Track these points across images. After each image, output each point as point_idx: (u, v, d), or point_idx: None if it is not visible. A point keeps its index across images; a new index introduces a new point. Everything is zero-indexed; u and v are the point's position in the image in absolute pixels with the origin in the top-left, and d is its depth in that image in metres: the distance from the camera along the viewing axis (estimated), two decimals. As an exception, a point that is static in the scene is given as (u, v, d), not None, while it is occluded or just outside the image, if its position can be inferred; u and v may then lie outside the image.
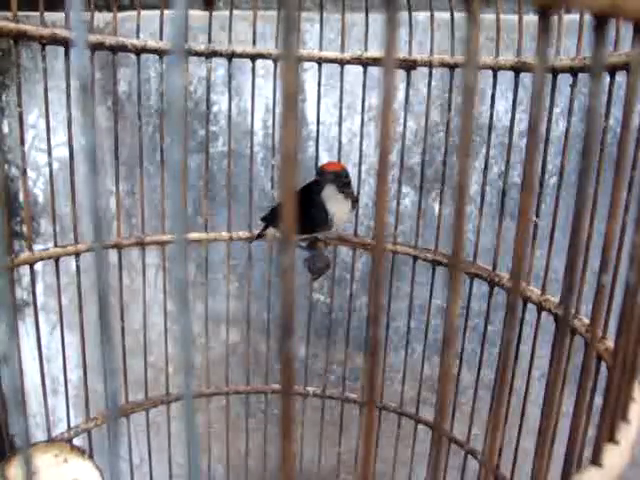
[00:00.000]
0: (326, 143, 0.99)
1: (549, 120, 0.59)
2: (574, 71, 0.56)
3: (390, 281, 0.82)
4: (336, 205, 0.72)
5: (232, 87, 0.77)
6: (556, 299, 0.62)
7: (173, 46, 0.16)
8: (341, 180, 0.71)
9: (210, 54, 0.73)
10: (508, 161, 0.66)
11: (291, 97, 0.16)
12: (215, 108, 0.98)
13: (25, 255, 0.65)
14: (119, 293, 0.77)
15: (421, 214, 0.77)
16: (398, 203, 0.79)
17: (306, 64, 0.91)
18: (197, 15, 0.92)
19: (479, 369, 0.74)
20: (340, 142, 0.79)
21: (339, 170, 0.72)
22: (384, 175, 0.18)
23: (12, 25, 0.57)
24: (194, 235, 0.79)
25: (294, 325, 0.19)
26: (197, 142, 1.00)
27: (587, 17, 0.59)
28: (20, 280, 1.10)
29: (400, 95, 0.94)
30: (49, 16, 0.68)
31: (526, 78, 0.70)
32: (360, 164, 0.80)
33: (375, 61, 0.70)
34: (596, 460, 0.30)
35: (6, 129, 1.05)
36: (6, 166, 1.05)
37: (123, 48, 0.67)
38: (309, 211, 0.71)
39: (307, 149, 0.99)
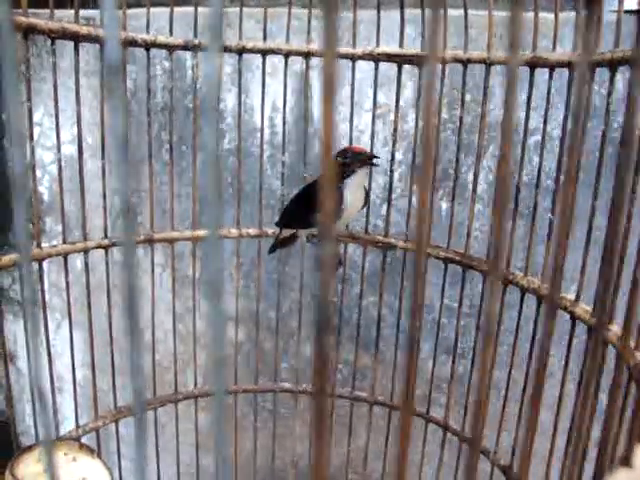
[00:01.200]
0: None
1: (565, 117, 0.58)
2: (593, 67, 0.55)
3: (402, 280, 0.81)
4: (354, 195, 0.67)
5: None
6: (569, 296, 0.62)
7: (210, 35, 0.16)
8: (371, 162, 0.65)
9: (220, 50, 0.72)
10: (522, 158, 0.65)
11: (331, 85, 0.15)
12: (221, 106, 0.98)
13: (34, 251, 0.64)
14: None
15: (431, 212, 0.76)
16: (410, 201, 0.78)
17: (312, 62, 0.90)
18: (206, 13, 0.91)
19: (490, 369, 0.73)
20: (351, 139, 0.78)
21: (367, 151, 0.66)
22: (428, 176, 0.18)
23: (22, 19, 0.56)
24: (202, 232, 0.78)
25: (332, 321, 0.18)
26: (203, 140, 0.99)
27: (607, 15, 0.58)
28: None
29: (407, 93, 0.93)
30: (57, 13, 0.67)
31: (539, 75, 0.69)
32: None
33: (388, 57, 0.69)
34: (627, 462, 0.29)
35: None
36: (10, 164, 1.04)
37: (133, 43, 0.66)
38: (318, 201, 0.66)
39: (313, 148, 0.96)
